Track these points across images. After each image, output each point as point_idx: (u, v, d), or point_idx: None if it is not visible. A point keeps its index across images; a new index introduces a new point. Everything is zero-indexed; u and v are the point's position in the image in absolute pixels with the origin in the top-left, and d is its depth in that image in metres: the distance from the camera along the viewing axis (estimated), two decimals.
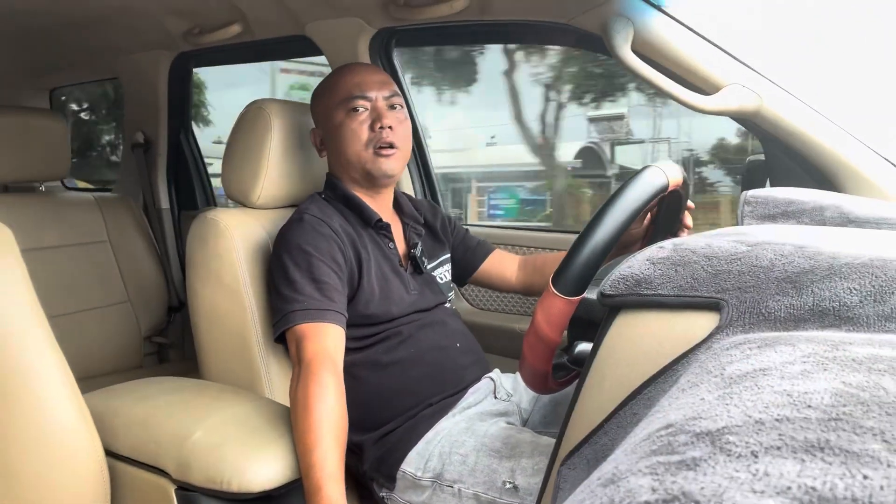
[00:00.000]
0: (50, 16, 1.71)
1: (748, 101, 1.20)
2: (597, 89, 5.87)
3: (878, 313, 0.44)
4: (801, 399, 0.30)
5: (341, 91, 1.20)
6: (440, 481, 1.04)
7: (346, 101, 1.19)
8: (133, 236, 2.06)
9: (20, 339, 0.85)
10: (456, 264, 1.43)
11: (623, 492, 0.27)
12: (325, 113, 1.23)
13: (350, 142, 1.18)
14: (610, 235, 0.73)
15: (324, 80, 1.29)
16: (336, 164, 1.25)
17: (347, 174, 1.24)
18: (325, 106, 1.23)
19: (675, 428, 0.31)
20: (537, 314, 0.73)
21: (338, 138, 1.20)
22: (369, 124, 1.18)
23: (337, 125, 1.20)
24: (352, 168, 1.21)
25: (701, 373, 0.40)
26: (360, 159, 1.19)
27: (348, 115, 1.18)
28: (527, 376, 0.80)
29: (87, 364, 1.85)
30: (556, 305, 0.71)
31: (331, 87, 1.23)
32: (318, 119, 1.27)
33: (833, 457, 0.25)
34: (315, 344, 1.04)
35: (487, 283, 1.47)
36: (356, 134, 1.18)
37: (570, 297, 0.71)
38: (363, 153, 1.18)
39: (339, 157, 1.22)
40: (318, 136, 1.27)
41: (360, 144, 1.18)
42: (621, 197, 0.76)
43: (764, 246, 0.54)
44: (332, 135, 1.21)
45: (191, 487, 0.94)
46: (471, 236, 1.47)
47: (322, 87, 1.27)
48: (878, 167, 1.14)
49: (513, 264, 1.44)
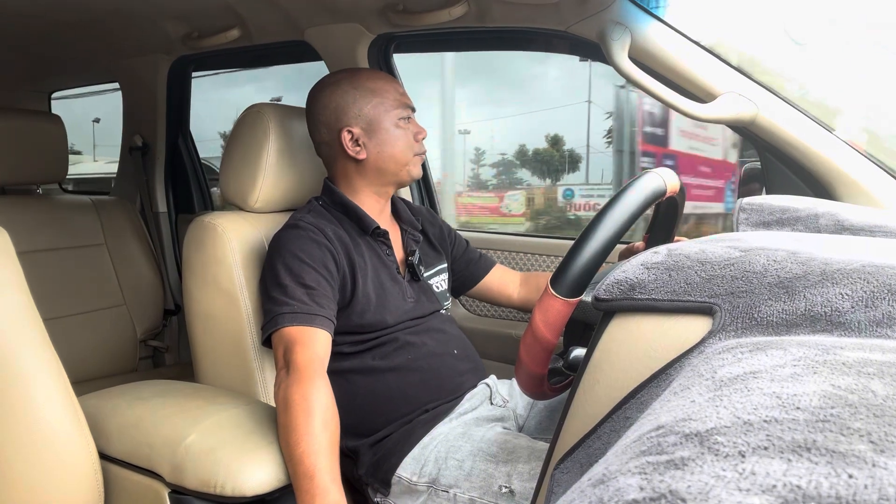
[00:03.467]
0: (49, 19, 1.71)
1: (744, 109, 1.20)
2: None
3: (869, 318, 0.45)
4: (790, 401, 0.31)
5: (394, 97, 1.24)
6: (436, 486, 1.04)
7: (401, 109, 1.24)
8: (130, 239, 2.06)
9: (15, 341, 0.85)
10: (457, 277, 1.43)
11: (612, 491, 0.27)
12: (374, 113, 1.22)
13: (403, 146, 1.24)
14: (608, 238, 0.73)
15: (359, 78, 1.25)
16: (373, 166, 1.23)
17: (381, 176, 1.24)
18: (373, 106, 1.22)
19: (665, 429, 0.31)
20: (535, 316, 0.73)
21: (390, 141, 1.23)
22: (414, 134, 1.25)
23: (390, 128, 1.23)
24: (394, 171, 1.24)
25: (693, 376, 0.40)
26: (405, 163, 1.25)
27: (401, 121, 1.24)
28: (523, 380, 0.80)
29: (82, 367, 1.85)
30: (554, 307, 0.72)
31: (381, 90, 1.23)
32: (357, 118, 1.22)
33: (819, 457, 0.25)
34: (307, 348, 1.04)
35: (487, 297, 1.47)
36: (408, 140, 1.24)
37: (568, 299, 0.72)
38: (409, 158, 1.25)
39: (383, 160, 1.23)
40: (354, 135, 1.22)
41: (408, 150, 1.24)
42: (620, 200, 0.76)
43: (757, 252, 0.54)
44: (382, 137, 1.22)
45: (184, 491, 0.94)
46: (472, 249, 1.47)
47: (361, 84, 1.23)
48: (872, 176, 1.15)
49: (514, 280, 1.45)
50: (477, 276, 1.44)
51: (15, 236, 0.91)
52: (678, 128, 6.52)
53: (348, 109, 1.22)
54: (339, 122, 1.22)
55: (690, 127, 7.07)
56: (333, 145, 1.24)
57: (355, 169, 1.24)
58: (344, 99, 1.22)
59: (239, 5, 1.60)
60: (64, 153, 1.89)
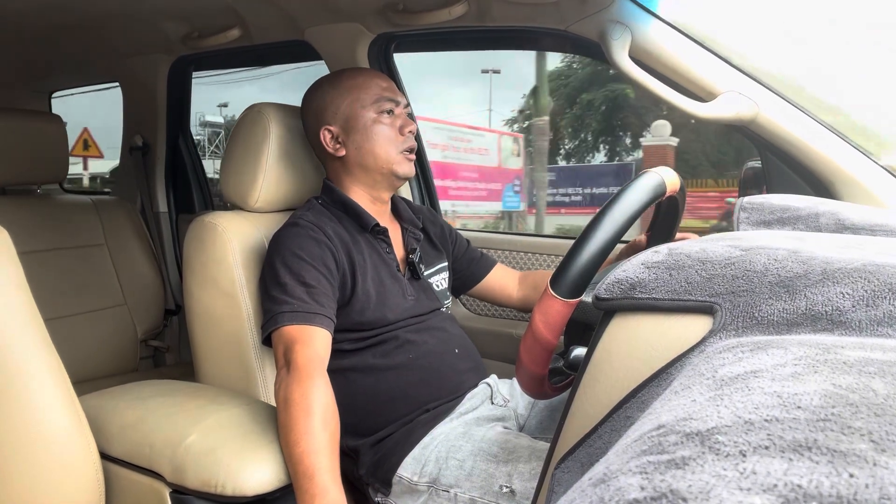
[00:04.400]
0: (49, 19, 1.71)
1: (745, 108, 1.20)
2: None
3: (870, 318, 0.45)
4: (791, 400, 0.31)
5: (373, 91, 1.22)
6: (436, 486, 1.04)
7: (380, 102, 1.21)
8: (130, 239, 2.06)
9: (16, 341, 0.85)
10: (458, 276, 1.43)
11: (612, 490, 0.27)
12: (350, 110, 1.21)
13: (382, 142, 1.21)
14: (608, 238, 0.73)
15: (340, 78, 1.26)
16: (355, 163, 1.23)
17: (366, 174, 1.23)
18: (348, 103, 1.21)
19: (665, 429, 0.31)
20: (535, 316, 0.73)
21: (368, 136, 1.21)
22: (398, 128, 1.22)
23: (368, 123, 1.21)
24: (377, 168, 1.22)
25: (693, 375, 0.40)
26: (390, 160, 1.22)
27: (381, 116, 1.21)
28: (523, 380, 0.80)
29: (83, 367, 1.85)
30: (554, 307, 0.72)
31: (358, 86, 1.22)
32: (334, 116, 1.22)
33: (820, 456, 0.25)
34: (307, 347, 1.04)
35: (488, 297, 1.47)
36: (388, 135, 1.21)
37: (568, 300, 0.71)
38: (393, 154, 1.22)
39: (363, 156, 1.22)
40: (332, 133, 1.23)
41: (391, 145, 1.22)
42: (620, 200, 0.76)
43: (758, 250, 0.54)
44: (360, 133, 1.21)
45: (185, 491, 0.94)
46: (473, 248, 1.47)
47: (341, 83, 1.24)
48: (873, 174, 1.15)
49: (514, 280, 1.45)
50: (478, 276, 1.44)
51: (15, 236, 0.91)
52: (427, 140, 7.35)
53: (326, 108, 1.23)
54: (319, 121, 1.24)
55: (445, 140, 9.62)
56: (318, 146, 1.27)
57: (341, 167, 1.25)
58: (323, 99, 1.24)
59: (239, 5, 1.60)
60: (64, 153, 1.89)
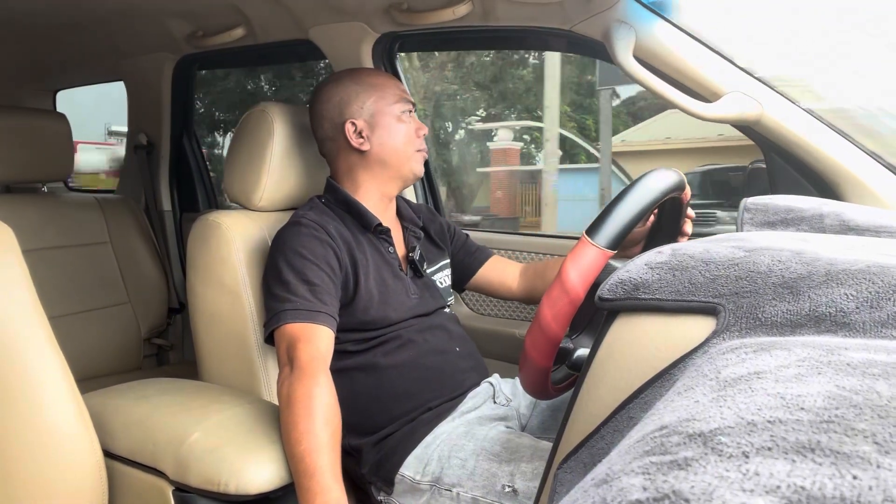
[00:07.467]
0: (54, 18, 1.71)
1: (749, 108, 1.20)
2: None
3: (874, 319, 0.45)
4: (794, 401, 0.31)
5: (395, 92, 1.27)
6: (439, 485, 1.04)
7: (402, 103, 1.27)
8: (134, 238, 2.06)
9: (20, 338, 0.85)
10: (455, 268, 1.43)
11: (615, 491, 0.27)
12: (376, 107, 1.25)
13: (402, 140, 1.26)
14: (647, 200, 0.75)
15: (360, 74, 1.29)
16: (376, 159, 1.25)
17: (384, 170, 1.26)
18: (374, 100, 1.25)
19: (668, 429, 0.31)
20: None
21: (392, 134, 1.25)
22: (414, 129, 1.28)
23: (393, 121, 1.25)
24: (397, 164, 1.26)
25: (697, 376, 0.40)
26: (407, 157, 1.27)
27: (403, 115, 1.27)
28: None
29: (87, 365, 1.85)
30: (589, 255, 0.70)
31: (382, 85, 1.27)
32: (360, 110, 1.25)
33: (824, 457, 0.25)
34: (309, 345, 1.04)
35: (488, 289, 1.47)
36: (408, 134, 1.27)
37: (604, 249, 0.71)
38: (410, 152, 1.27)
39: (385, 152, 1.25)
40: (357, 127, 1.24)
41: (409, 143, 1.27)
42: (653, 175, 0.78)
43: (762, 251, 0.54)
44: (384, 129, 1.25)
45: (188, 489, 0.94)
46: (471, 241, 1.47)
47: (363, 80, 1.27)
48: (878, 176, 1.15)
49: (514, 270, 1.44)
50: (474, 267, 1.44)
51: (20, 234, 0.91)
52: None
53: (351, 102, 1.25)
54: (343, 115, 1.25)
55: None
56: (337, 139, 1.26)
57: (359, 162, 1.26)
58: (347, 93, 1.25)
59: (243, 4, 1.60)
60: (69, 151, 1.90)
